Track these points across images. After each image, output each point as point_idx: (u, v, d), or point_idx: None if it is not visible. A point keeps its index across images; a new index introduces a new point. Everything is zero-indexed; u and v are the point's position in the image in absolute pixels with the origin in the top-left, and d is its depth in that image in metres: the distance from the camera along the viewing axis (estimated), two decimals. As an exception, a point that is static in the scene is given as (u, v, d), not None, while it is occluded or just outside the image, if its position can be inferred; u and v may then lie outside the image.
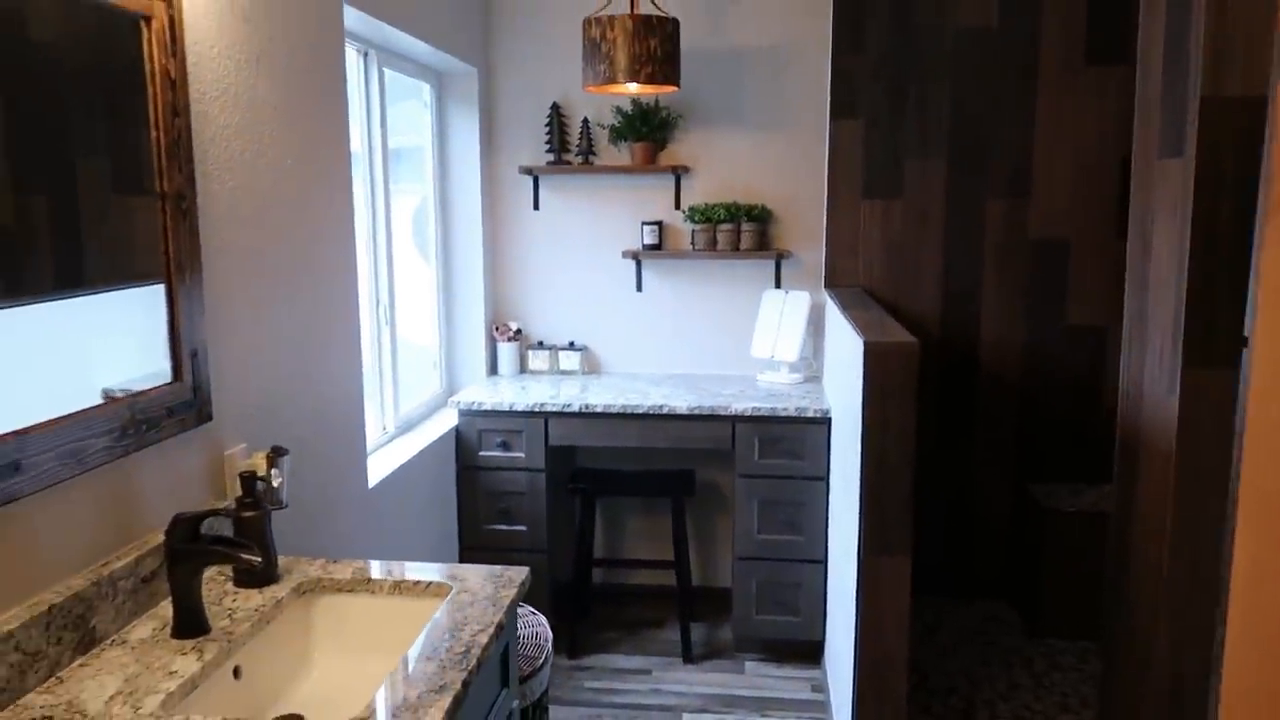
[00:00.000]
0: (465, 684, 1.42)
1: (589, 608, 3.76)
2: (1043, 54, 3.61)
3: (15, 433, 1.35)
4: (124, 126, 1.61)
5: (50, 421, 1.41)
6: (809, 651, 3.49)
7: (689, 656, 3.50)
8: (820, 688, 3.30)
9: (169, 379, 1.72)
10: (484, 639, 1.55)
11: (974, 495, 3.90)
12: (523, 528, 3.51)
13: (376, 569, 1.84)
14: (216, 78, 1.87)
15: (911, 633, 2.45)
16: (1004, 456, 3.86)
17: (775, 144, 3.78)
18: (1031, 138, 3.66)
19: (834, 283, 3.78)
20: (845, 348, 2.86)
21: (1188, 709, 2.18)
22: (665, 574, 3.86)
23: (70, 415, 1.46)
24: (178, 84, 1.69)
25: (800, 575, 3.38)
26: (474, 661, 1.48)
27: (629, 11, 3.10)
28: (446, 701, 1.36)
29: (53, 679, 1.41)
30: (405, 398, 3.36)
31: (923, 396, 3.71)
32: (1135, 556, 2.41)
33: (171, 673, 1.44)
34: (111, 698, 1.36)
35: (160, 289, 1.70)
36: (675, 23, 3.13)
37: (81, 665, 1.46)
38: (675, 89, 3.22)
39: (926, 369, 3.75)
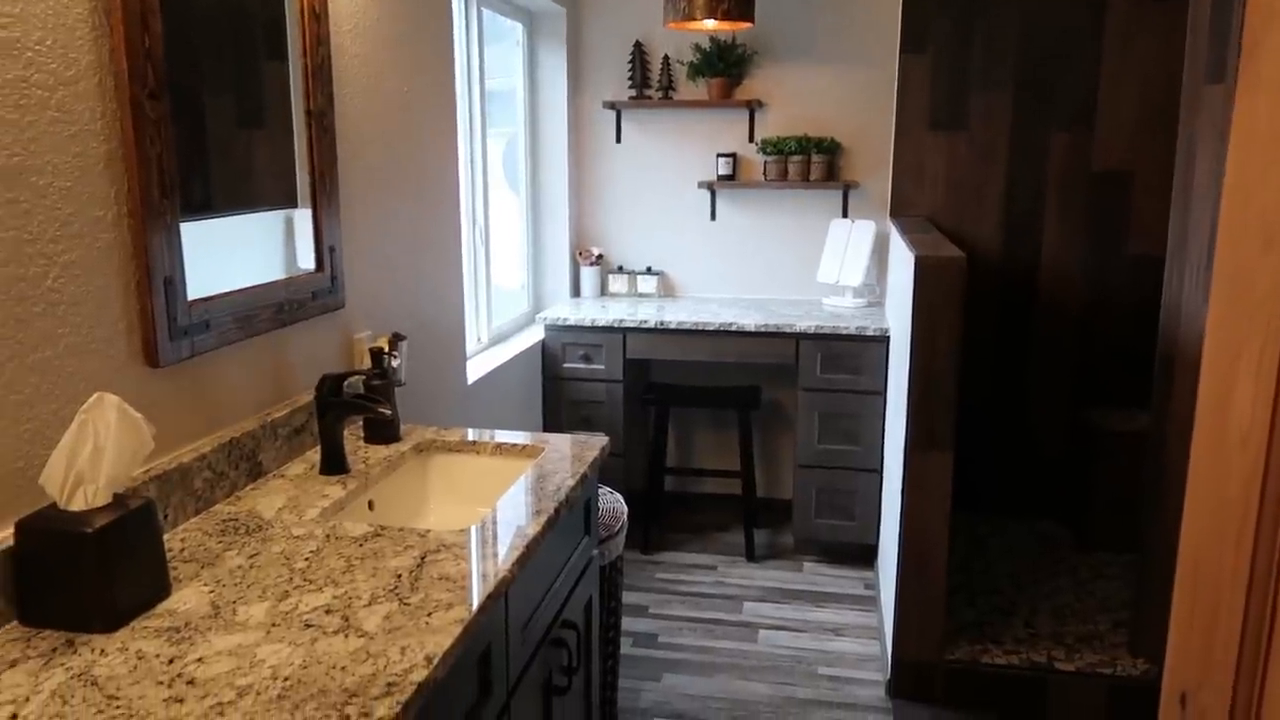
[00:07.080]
0: (556, 510, 1.74)
1: (661, 511, 4.10)
2: (1112, -11, 3.70)
3: (205, 299, 1.70)
4: (279, 57, 1.94)
5: (232, 292, 1.77)
6: (863, 555, 3.77)
7: (752, 556, 3.81)
8: (872, 585, 3.58)
9: (313, 269, 2.07)
10: (571, 482, 1.87)
11: (1031, 419, 4.08)
12: (601, 434, 3.83)
13: (480, 434, 2.17)
14: (349, 13, 2.19)
15: (955, 532, 2.67)
16: (1061, 382, 4.03)
17: (845, 78, 3.96)
18: (1097, 72, 3.76)
19: (899, 212, 3.96)
20: (903, 268, 3.08)
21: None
22: (731, 483, 4.17)
23: (242, 289, 1.81)
24: (321, 17, 2.00)
25: (856, 483, 3.65)
26: (563, 497, 1.80)
27: (707, -48, 3.32)
28: (542, 521, 1.68)
29: (233, 496, 1.78)
30: (496, 315, 3.69)
31: (981, 321, 3.93)
32: (1169, 462, 2.61)
33: (324, 496, 1.79)
34: (279, 510, 1.72)
35: (308, 194, 2.03)
36: (751, -38, 3.33)
37: (253, 489, 1.82)
38: (750, 25, 3.43)
39: (986, 294, 3.93)
